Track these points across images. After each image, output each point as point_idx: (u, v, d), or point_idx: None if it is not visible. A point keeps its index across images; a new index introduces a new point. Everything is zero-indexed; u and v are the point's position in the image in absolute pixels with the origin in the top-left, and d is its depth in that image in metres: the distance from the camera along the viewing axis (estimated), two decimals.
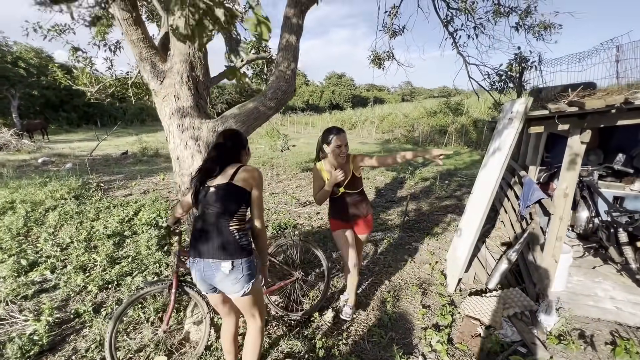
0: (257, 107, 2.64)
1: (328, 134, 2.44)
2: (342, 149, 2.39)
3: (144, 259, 3.61)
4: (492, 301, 2.79)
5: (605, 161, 4.24)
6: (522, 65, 4.31)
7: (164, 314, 2.62)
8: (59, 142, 15.92)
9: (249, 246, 1.74)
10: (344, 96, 46.60)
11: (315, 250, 2.85)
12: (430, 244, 4.28)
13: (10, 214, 4.88)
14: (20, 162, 10.11)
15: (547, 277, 2.82)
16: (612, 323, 2.62)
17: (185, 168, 2.48)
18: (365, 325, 2.66)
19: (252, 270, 1.73)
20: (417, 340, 2.47)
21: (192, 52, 2.63)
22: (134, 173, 8.61)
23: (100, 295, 3.00)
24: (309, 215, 5.39)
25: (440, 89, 58.66)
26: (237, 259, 1.66)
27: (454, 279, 3.17)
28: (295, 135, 21.09)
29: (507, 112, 3.34)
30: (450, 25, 4.98)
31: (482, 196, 3.15)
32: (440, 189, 7.00)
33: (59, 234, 4.32)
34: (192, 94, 2.59)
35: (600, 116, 2.46)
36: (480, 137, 15.64)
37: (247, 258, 1.70)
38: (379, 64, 6.66)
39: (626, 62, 2.75)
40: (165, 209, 5.15)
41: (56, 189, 6.13)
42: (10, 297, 2.84)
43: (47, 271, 3.34)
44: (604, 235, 3.25)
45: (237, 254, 1.67)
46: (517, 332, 2.52)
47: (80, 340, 2.41)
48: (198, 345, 2.20)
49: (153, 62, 2.59)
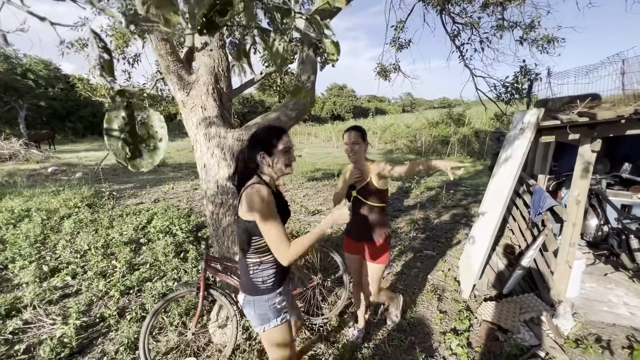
0: (279, 117, 2.76)
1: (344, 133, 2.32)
2: (349, 146, 2.27)
3: (161, 265, 3.68)
4: (508, 306, 2.84)
5: (612, 170, 4.33)
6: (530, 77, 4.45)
7: (187, 318, 2.69)
8: (65, 152, 16.11)
9: (263, 285, 1.47)
10: (345, 107, 47.11)
11: (333, 255, 2.92)
12: (441, 251, 4.34)
13: (27, 222, 4.96)
14: (30, 171, 10.25)
15: (561, 282, 2.88)
16: (628, 328, 2.67)
17: (211, 175, 2.58)
18: (385, 329, 2.71)
19: (264, 312, 1.48)
20: (437, 344, 2.52)
21: (216, 65, 2.77)
22: (142, 182, 8.72)
23: (122, 300, 3.06)
24: (319, 223, 5.45)
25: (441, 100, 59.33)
26: (249, 295, 1.50)
27: (468, 285, 3.22)
28: (299, 145, 21.32)
29: (517, 122, 3.45)
30: (457, 39, 5.15)
31: (495, 204, 3.23)
32: (446, 199, 7.08)
33: (76, 241, 4.39)
34: (218, 105, 2.70)
35: (609, 126, 2.57)
36: (483, 147, 15.79)
37: (258, 297, 1.48)
38: (385, 76, 6.84)
39: (631, 75, 2.88)
40: (177, 217, 5.23)
41: (69, 197, 6.24)
42: (35, 301, 2.91)
43: (68, 277, 3.41)
44: (615, 242, 3.31)
45: (248, 290, 1.50)
46: (534, 336, 2.56)
47: (107, 343, 2.47)
48: (226, 348, 2.26)
49: (180, 75, 2.71)
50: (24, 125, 20.22)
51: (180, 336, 2.46)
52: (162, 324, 2.65)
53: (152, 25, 0.88)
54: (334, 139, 24.17)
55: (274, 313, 1.49)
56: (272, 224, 1.35)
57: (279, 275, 1.51)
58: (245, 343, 2.37)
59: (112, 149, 0.71)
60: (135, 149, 0.73)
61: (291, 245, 1.35)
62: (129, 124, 0.73)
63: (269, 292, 1.47)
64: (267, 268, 1.47)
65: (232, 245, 2.53)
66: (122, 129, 0.71)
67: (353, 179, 2.28)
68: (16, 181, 7.76)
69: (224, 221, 2.50)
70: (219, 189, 2.54)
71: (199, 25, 0.85)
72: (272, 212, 1.37)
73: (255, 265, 1.47)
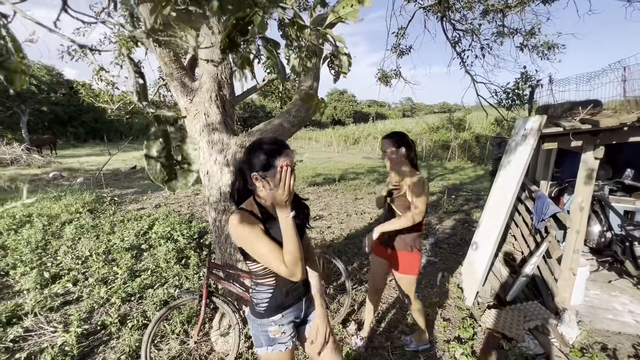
0: (281, 124, 2.77)
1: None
2: (383, 154, 2.23)
3: (163, 272, 3.66)
4: (512, 314, 2.82)
5: (614, 176, 4.33)
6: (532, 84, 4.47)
7: (189, 326, 2.67)
8: (67, 157, 16.15)
9: (257, 307, 1.40)
10: (345, 112, 47.28)
11: (335, 261, 2.90)
12: (443, 257, 4.32)
13: (28, 228, 4.96)
14: (32, 176, 10.26)
15: (565, 290, 2.85)
16: (634, 336, 2.64)
17: (214, 182, 2.58)
18: (387, 337, 2.69)
19: (256, 335, 1.43)
20: (441, 353, 2.49)
21: (219, 72, 2.78)
22: (144, 187, 8.73)
23: (123, 307, 3.04)
24: (320, 229, 5.44)
25: (441, 105, 59.52)
26: (249, 312, 1.47)
27: (471, 293, 3.20)
28: (299, 150, 21.36)
29: (520, 128, 3.46)
30: (458, 45, 5.19)
31: (498, 211, 3.22)
32: (448, 204, 7.07)
33: (77, 247, 4.38)
34: (221, 112, 2.71)
35: (612, 133, 2.57)
36: (484, 152, 15.81)
37: (253, 318, 1.43)
38: (386, 82, 6.88)
39: (633, 82, 2.88)
40: (179, 222, 5.23)
41: (71, 202, 6.24)
42: (36, 308, 2.89)
43: (69, 283, 3.39)
44: (619, 248, 3.30)
45: (250, 307, 1.47)
46: (539, 345, 2.54)
47: (109, 351, 2.45)
48: (228, 357, 2.24)
49: (183, 82, 2.73)
50: (26, 130, 20.31)
51: (182, 344, 2.44)
52: (164, 331, 2.63)
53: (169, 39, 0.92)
54: (334, 143, 24.21)
55: (266, 340, 1.40)
56: (259, 248, 1.25)
57: (276, 302, 1.38)
58: (248, 352, 2.35)
59: (151, 172, 0.75)
60: (170, 172, 0.77)
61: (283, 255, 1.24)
62: (165, 148, 0.77)
63: (261, 317, 1.39)
64: (262, 291, 1.39)
65: (235, 252, 2.53)
66: (160, 153, 0.76)
67: (390, 186, 2.23)
68: (18, 186, 7.76)
69: (227, 228, 2.50)
70: (221, 196, 2.54)
71: (222, 44, 0.88)
72: (255, 238, 1.25)
73: (254, 285, 1.42)
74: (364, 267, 3.96)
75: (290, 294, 1.41)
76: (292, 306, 1.43)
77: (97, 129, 27.40)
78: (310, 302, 1.53)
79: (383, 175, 11.11)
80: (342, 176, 10.70)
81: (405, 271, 2.23)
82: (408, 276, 2.24)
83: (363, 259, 4.19)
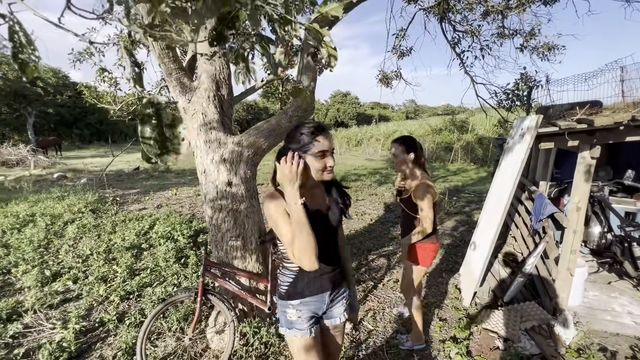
0: (279, 124, 2.79)
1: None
2: (395, 157, 2.33)
3: (162, 270, 3.69)
4: (509, 314, 2.81)
5: (614, 177, 4.30)
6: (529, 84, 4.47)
7: (185, 323, 2.69)
8: (71, 158, 16.33)
9: (280, 287, 1.44)
10: (348, 114, 47.29)
11: None
12: (443, 258, 4.31)
13: (31, 227, 5.02)
14: (36, 177, 10.39)
15: (563, 290, 2.84)
16: (632, 338, 2.62)
17: (211, 181, 2.61)
18: (383, 336, 2.69)
19: (280, 316, 1.48)
20: (436, 352, 2.49)
21: (217, 72, 2.81)
22: (146, 188, 8.80)
23: (122, 305, 3.07)
24: None
25: (444, 107, 59.34)
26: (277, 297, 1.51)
27: (469, 293, 3.19)
28: None
29: (517, 128, 3.45)
30: (457, 46, 5.20)
31: (496, 210, 3.22)
32: (449, 205, 7.05)
33: (79, 246, 4.43)
34: (218, 112, 2.74)
35: (608, 133, 2.56)
36: (486, 154, 15.74)
37: (277, 298, 1.49)
38: (387, 83, 6.89)
39: (631, 82, 2.87)
40: (179, 222, 5.26)
41: (74, 202, 6.31)
42: (36, 306, 2.93)
43: (69, 281, 3.43)
44: (618, 250, 3.27)
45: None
46: (535, 345, 2.53)
47: (106, 347, 2.47)
48: (223, 354, 2.25)
49: (181, 81, 2.77)
50: (32, 131, 20.57)
51: (178, 341, 2.46)
52: (160, 329, 2.66)
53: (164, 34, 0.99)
54: (337, 145, 24.25)
55: (284, 321, 1.44)
56: (280, 227, 1.27)
57: (295, 289, 1.40)
58: (242, 349, 2.36)
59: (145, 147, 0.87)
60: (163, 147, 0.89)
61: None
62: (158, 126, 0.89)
63: (282, 299, 1.43)
64: (286, 274, 1.42)
65: (231, 250, 2.55)
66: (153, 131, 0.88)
67: (397, 186, 2.39)
68: (22, 186, 7.86)
69: (223, 226, 2.52)
70: (218, 194, 2.56)
71: (210, 37, 0.94)
72: (278, 217, 1.28)
73: (281, 267, 1.46)
74: (362, 267, 3.96)
75: (313, 284, 1.40)
76: (313, 296, 1.42)
77: (102, 131, 27.67)
78: (334, 299, 1.51)
79: (385, 177, 11.10)
80: (344, 178, 10.70)
81: (410, 258, 2.30)
82: (413, 265, 2.31)
83: (362, 259, 4.20)
